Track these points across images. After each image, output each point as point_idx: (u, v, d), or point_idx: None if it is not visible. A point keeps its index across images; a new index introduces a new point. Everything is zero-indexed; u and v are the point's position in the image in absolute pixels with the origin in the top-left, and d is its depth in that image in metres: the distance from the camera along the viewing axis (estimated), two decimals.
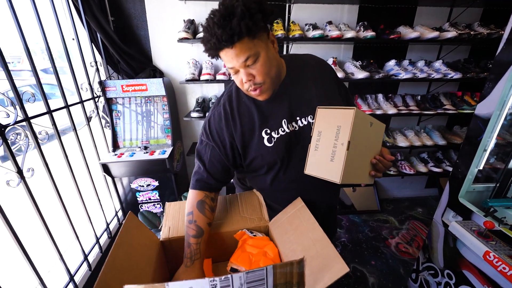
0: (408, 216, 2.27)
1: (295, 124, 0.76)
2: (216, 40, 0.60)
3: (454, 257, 1.07)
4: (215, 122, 0.77)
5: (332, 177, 0.63)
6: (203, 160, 0.80)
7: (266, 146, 0.75)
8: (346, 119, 0.62)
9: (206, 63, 1.80)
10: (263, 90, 0.70)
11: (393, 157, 0.76)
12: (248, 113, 0.76)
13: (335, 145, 0.63)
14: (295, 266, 0.50)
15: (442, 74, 1.81)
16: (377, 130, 0.74)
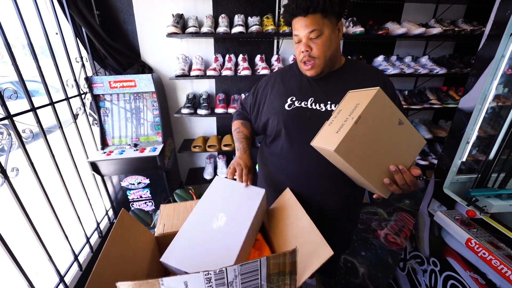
0: (396, 208, 2.34)
1: (323, 106, 0.82)
2: (295, 6, 0.72)
3: (439, 245, 1.11)
4: (262, 81, 0.98)
5: (329, 145, 0.60)
6: (243, 103, 1.05)
7: (283, 109, 0.86)
8: (366, 98, 0.61)
9: (196, 58, 1.78)
10: (314, 66, 0.79)
11: (419, 172, 0.65)
12: (289, 82, 0.89)
13: (347, 119, 0.62)
14: (288, 256, 0.52)
15: (428, 70, 1.86)
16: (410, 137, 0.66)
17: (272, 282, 0.53)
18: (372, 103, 0.60)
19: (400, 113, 0.65)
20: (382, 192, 0.67)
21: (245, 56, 1.81)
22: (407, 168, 0.65)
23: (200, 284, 0.46)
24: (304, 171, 0.86)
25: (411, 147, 0.67)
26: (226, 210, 0.70)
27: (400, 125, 0.64)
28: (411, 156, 0.67)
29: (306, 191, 0.89)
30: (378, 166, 0.64)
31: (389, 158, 0.65)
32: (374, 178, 0.65)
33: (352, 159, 0.61)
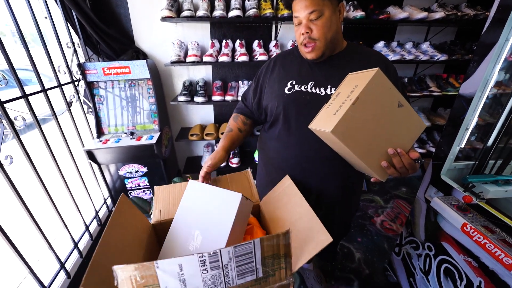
0: (393, 195, 2.37)
1: (323, 90, 0.81)
2: None
3: (434, 230, 1.13)
4: (263, 67, 0.96)
5: (326, 127, 0.60)
6: (244, 94, 1.02)
7: (283, 92, 0.85)
8: (365, 79, 0.60)
9: (192, 44, 1.73)
10: (314, 48, 0.77)
11: (418, 154, 0.65)
12: (289, 66, 0.88)
13: (345, 101, 0.61)
14: (281, 238, 0.52)
15: (429, 56, 1.83)
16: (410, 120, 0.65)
17: (267, 265, 0.53)
18: (371, 84, 0.58)
19: (399, 95, 0.64)
20: (380, 176, 0.67)
21: (242, 41, 1.76)
22: (406, 151, 0.65)
23: (195, 267, 0.46)
24: (304, 155, 0.86)
25: (410, 130, 0.66)
26: (201, 226, 0.65)
27: (399, 108, 0.63)
28: (411, 140, 0.66)
29: (304, 175, 0.89)
30: (376, 148, 0.64)
31: (388, 141, 0.64)
32: (372, 161, 0.64)
33: (349, 141, 0.60)
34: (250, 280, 0.52)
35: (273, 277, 0.55)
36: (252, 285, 0.53)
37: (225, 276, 0.49)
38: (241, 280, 0.51)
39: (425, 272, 1.18)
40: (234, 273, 0.49)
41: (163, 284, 0.46)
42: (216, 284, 0.49)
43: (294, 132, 0.85)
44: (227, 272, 0.49)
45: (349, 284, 1.49)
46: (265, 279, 0.54)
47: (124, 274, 0.45)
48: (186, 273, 0.46)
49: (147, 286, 0.46)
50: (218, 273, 0.48)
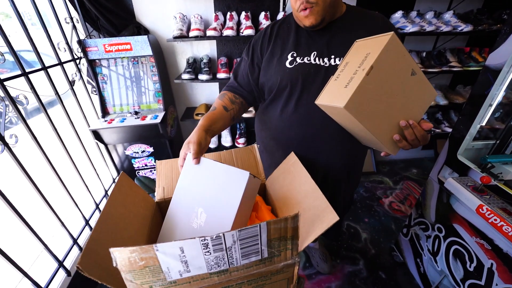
0: (403, 177, 2.31)
1: (327, 60, 0.74)
2: None
3: (446, 212, 1.10)
4: (256, 38, 0.86)
5: (337, 101, 0.54)
6: (235, 71, 0.90)
7: (285, 67, 0.77)
8: (378, 45, 0.54)
9: (194, 17, 1.63)
10: (313, 12, 0.69)
11: (430, 125, 0.61)
12: (285, 36, 0.80)
13: (356, 71, 0.55)
14: (290, 221, 0.49)
15: (451, 27, 1.67)
16: (422, 89, 0.60)
17: (272, 247, 0.51)
18: (386, 50, 0.52)
19: (413, 62, 0.57)
20: (391, 149, 0.63)
21: (248, 13, 1.64)
22: (417, 122, 0.61)
23: (197, 249, 0.44)
24: (310, 133, 0.81)
25: (422, 99, 0.61)
26: (205, 204, 0.62)
27: (412, 76, 0.57)
28: (422, 110, 0.62)
29: (310, 153, 0.85)
30: (388, 121, 0.59)
31: (400, 112, 0.59)
32: (384, 135, 0.60)
33: (362, 115, 0.55)
34: (254, 260, 0.51)
35: (278, 257, 0.54)
36: (256, 264, 0.52)
37: (229, 257, 0.47)
38: (245, 261, 0.50)
39: (434, 253, 1.17)
40: (238, 254, 0.48)
41: (164, 265, 0.44)
42: (220, 264, 0.47)
43: (298, 109, 0.79)
44: (231, 254, 0.47)
45: (354, 263, 1.50)
46: (270, 259, 0.53)
47: (122, 256, 0.43)
48: (188, 255, 0.44)
49: (148, 267, 0.45)
50: (222, 254, 0.46)
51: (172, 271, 0.45)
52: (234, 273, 0.51)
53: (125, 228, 0.61)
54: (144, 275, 0.45)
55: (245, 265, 0.50)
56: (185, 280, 0.46)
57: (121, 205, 0.62)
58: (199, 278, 0.47)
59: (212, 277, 0.48)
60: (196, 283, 0.48)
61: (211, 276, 0.48)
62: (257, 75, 0.85)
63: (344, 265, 1.49)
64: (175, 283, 0.46)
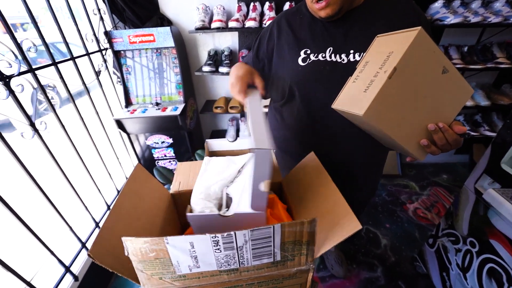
0: (431, 182, 2.15)
1: (344, 57, 0.66)
2: None
3: (481, 226, 0.99)
4: (264, 30, 0.80)
5: (356, 109, 0.49)
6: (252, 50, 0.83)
7: (298, 65, 0.71)
8: (403, 43, 0.47)
9: (217, 8, 1.60)
10: (330, 2, 0.61)
11: (464, 128, 0.53)
12: (297, 29, 0.72)
13: (377, 73, 0.49)
14: (306, 225, 0.45)
15: (502, 17, 1.47)
16: (455, 87, 0.53)
17: (286, 250, 0.49)
18: (412, 49, 0.45)
19: (445, 58, 0.49)
20: (418, 155, 0.56)
21: (272, 4, 1.58)
22: (448, 124, 0.53)
23: (207, 246, 0.43)
24: (327, 134, 0.75)
25: (455, 99, 0.53)
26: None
27: (444, 74, 0.50)
28: (455, 110, 0.53)
29: (328, 155, 0.78)
30: (414, 126, 0.52)
31: (429, 115, 0.52)
32: (409, 140, 0.53)
33: (384, 122, 0.49)
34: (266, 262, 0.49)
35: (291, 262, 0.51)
36: (268, 267, 0.50)
37: (240, 257, 0.46)
38: (257, 262, 0.48)
39: (463, 269, 1.06)
40: (249, 255, 0.47)
41: (174, 258, 0.45)
42: (230, 263, 0.47)
43: (313, 111, 0.73)
44: (242, 254, 0.46)
45: (371, 269, 1.43)
46: (283, 263, 0.51)
47: (134, 246, 0.44)
48: (197, 251, 0.44)
49: (158, 259, 0.45)
50: (232, 253, 0.45)
51: (182, 265, 0.45)
52: (244, 273, 0.49)
53: (138, 218, 0.61)
54: (154, 267, 0.45)
55: (256, 266, 0.49)
56: (194, 275, 0.46)
57: (135, 195, 0.63)
58: (209, 275, 0.47)
59: (222, 275, 0.48)
60: (206, 279, 0.47)
61: (220, 273, 0.48)
62: (261, 68, 0.79)
63: (360, 270, 1.42)
64: (184, 277, 0.46)
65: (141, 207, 0.63)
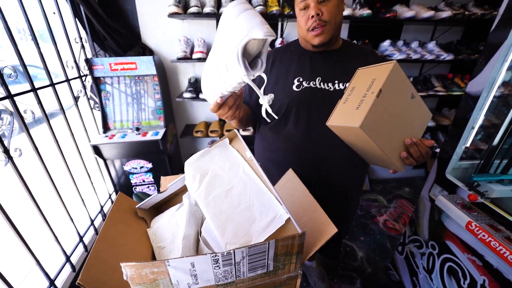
0: (396, 195, 2.37)
1: (331, 85, 0.80)
2: None
3: (438, 229, 1.13)
4: None
5: (352, 122, 0.59)
6: None
7: (292, 90, 0.82)
8: (383, 72, 0.61)
9: (198, 40, 1.74)
10: (324, 31, 0.75)
11: (432, 142, 0.67)
12: (288, 62, 0.85)
13: (365, 94, 0.61)
14: (297, 238, 0.51)
15: (435, 55, 1.82)
16: (420, 111, 0.68)
17: (278, 261, 0.53)
18: (391, 76, 0.59)
19: (412, 87, 0.65)
20: (399, 166, 0.68)
21: None
22: (419, 140, 0.67)
23: (207, 265, 0.45)
24: (317, 154, 0.84)
25: (420, 119, 0.68)
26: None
27: (412, 99, 0.65)
28: (422, 129, 0.69)
29: (316, 173, 0.87)
30: (395, 140, 0.65)
31: (405, 131, 0.66)
32: (393, 152, 0.66)
33: (375, 134, 0.61)
34: (260, 273, 0.53)
35: (282, 270, 0.56)
36: (261, 276, 0.54)
37: (237, 271, 0.49)
38: (252, 273, 0.51)
39: (429, 271, 1.19)
40: (245, 268, 0.49)
41: (174, 278, 0.46)
42: (227, 277, 0.49)
43: (305, 131, 0.83)
44: (239, 268, 0.48)
45: (351, 282, 1.50)
46: (275, 272, 0.55)
47: (134, 270, 0.45)
48: (198, 270, 0.46)
49: (158, 280, 0.46)
50: (230, 268, 0.48)
51: (181, 284, 0.47)
52: (239, 284, 0.52)
53: (125, 244, 0.62)
54: (153, 287, 0.46)
55: (250, 277, 0.52)
56: None
57: (120, 222, 0.64)
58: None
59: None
60: None
61: (218, 287, 0.50)
62: (255, 96, 0.88)
63: (341, 284, 1.48)
64: None
65: (128, 232, 0.65)
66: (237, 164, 0.70)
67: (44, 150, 1.16)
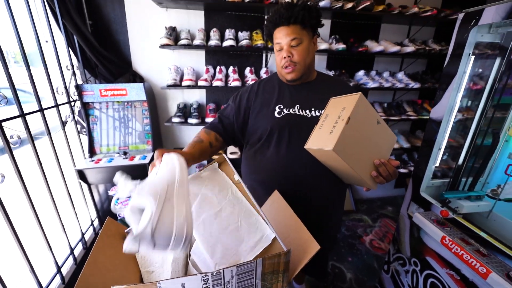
0: (380, 214, 2.43)
1: (308, 112, 0.90)
2: (278, 17, 0.83)
3: (418, 246, 1.19)
4: (243, 91, 1.01)
5: (326, 145, 0.67)
6: (222, 113, 1.00)
7: (274, 116, 0.91)
8: (351, 102, 0.70)
9: (187, 69, 1.83)
10: (295, 70, 0.87)
11: (398, 162, 0.77)
12: (271, 91, 0.96)
13: (337, 121, 0.69)
14: (283, 256, 0.54)
15: (404, 84, 2.02)
16: (386, 135, 0.77)
17: (266, 280, 0.56)
18: (358, 105, 0.68)
19: (377, 114, 0.75)
20: (371, 184, 0.76)
21: (235, 68, 1.88)
22: (387, 160, 0.75)
23: (198, 285, 0.47)
24: (297, 173, 0.91)
25: (387, 142, 0.77)
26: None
27: (378, 124, 0.74)
28: (388, 150, 0.78)
29: (297, 191, 0.93)
30: (366, 161, 0.73)
31: (373, 153, 0.74)
32: (365, 172, 0.73)
33: (346, 156, 0.68)
34: None
35: None
36: None
37: None
38: None
39: None
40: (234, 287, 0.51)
41: None
42: None
43: (287, 153, 0.91)
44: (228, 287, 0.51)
45: None
46: None
47: None
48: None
49: None
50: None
51: None
52: None
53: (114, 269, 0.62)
54: None
55: None
56: None
57: (109, 247, 0.64)
58: None
59: None
60: None
61: None
62: (241, 120, 0.96)
63: None
64: None
65: (117, 258, 0.65)
66: (225, 187, 0.74)
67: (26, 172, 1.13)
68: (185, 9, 1.80)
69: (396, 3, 1.95)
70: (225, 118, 0.98)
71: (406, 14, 1.88)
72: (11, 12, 1.10)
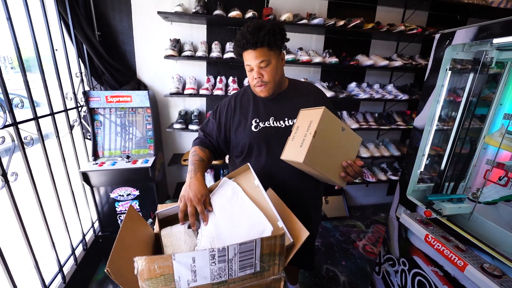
0: (373, 220, 2.51)
1: (282, 122, 0.98)
2: (245, 42, 0.86)
3: (406, 246, 1.26)
4: (222, 106, 1.06)
5: (297, 158, 0.76)
6: (205, 130, 1.07)
7: (251, 131, 0.98)
8: (317, 115, 0.79)
9: (189, 78, 1.94)
10: (266, 88, 0.93)
11: (362, 163, 0.86)
12: (247, 105, 1.02)
13: (306, 134, 0.78)
14: (278, 238, 0.62)
15: (393, 96, 2.16)
16: (351, 138, 0.87)
17: (264, 261, 0.63)
18: (322, 119, 0.78)
19: (341, 122, 0.85)
20: (341, 183, 0.86)
21: (235, 78, 1.99)
22: (353, 161, 0.85)
23: (205, 260, 0.55)
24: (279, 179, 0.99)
25: (352, 145, 0.88)
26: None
27: (343, 131, 0.84)
28: (355, 151, 0.88)
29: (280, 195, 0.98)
30: (334, 164, 0.83)
31: (340, 157, 0.84)
32: (334, 174, 0.83)
33: (316, 165, 0.78)
34: (249, 273, 0.62)
35: (268, 272, 0.65)
36: (250, 277, 0.63)
37: (229, 269, 0.58)
38: (242, 273, 0.60)
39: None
40: (236, 267, 0.59)
41: (177, 273, 0.54)
42: (221, 275, 0.58)
43: (266, 162, 0.99)
44: (231, 266, 0.58)
45: None
46: (261, 273, 0.64)
47: (144, 264, 0.53)
48: (197, 265, 0.54)
49: (163, 275, 0.54)
50: (224, 266, 0.57)
51: (182, 280, 0.55)
52: (231, 285, 0.61)
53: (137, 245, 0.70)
54: (158, 283, 0.54)
55: (241, 277, 0.61)
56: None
57: (132, 229, 0.72)
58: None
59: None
60: None
61: (212, 286, 0.58)
62: (223, 135, 1.03)
63: None
64: None
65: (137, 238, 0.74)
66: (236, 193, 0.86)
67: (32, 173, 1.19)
68: (189, 23, 1.92)
69: (384, 21, 2.11)
70: (208, 135, 1.05)
71: (393, 32, 2.04)
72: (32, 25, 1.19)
